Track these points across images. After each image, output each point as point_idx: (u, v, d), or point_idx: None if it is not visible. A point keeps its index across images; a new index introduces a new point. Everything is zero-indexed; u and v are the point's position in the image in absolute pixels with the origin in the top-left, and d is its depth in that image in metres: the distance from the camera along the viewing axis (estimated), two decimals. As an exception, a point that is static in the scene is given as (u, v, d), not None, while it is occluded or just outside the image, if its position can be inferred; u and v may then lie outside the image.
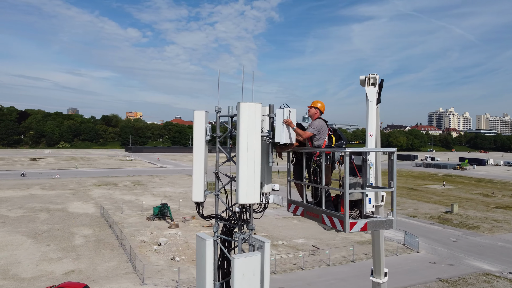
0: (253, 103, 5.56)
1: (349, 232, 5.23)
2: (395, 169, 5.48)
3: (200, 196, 6.15)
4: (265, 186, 6.42)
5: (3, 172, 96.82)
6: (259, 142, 5.63)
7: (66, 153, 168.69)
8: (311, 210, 6.03)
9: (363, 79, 7.56)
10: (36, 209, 54.72)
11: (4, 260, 34.11)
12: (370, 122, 6.99)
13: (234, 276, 5.44)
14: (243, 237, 6.21)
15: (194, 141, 6.04)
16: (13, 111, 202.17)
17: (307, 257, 36.18)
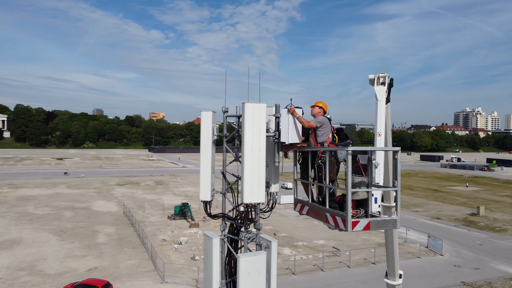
0: (257, 103, 5.59)
1: (351, 231, 5.19)
2: (399, 168, 5.41)
3: (207, 195, 6.21)
4: (272, 186, 6.44)
5: (48, 171, 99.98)
6: (263, 142, 5.65)
7: (91, 153, 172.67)
8: (315, 209, 6.02)
9: (372, 78, 7.47)
10: (61, 207, 56.24)
11: (31, 256, 35.19)
12: (379, 122, 6.88)
13: (239, 275, 5.48)
14: (249, 236, 6.22)
15: (201, 141, 6.11)
16: (41, 112, 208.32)
17: (327, 258, 35.88)
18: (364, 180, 5.67)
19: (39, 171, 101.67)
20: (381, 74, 7.36)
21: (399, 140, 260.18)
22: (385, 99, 7.22)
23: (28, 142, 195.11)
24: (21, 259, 34.22)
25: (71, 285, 27.67)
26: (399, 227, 5.40)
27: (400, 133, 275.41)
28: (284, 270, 33.37)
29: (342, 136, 6.43)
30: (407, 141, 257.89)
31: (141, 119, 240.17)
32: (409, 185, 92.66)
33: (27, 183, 79.16)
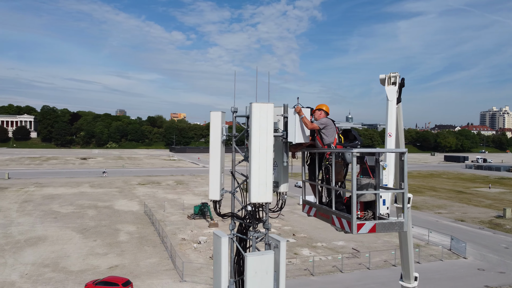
0: (265, 103, 5.58)
1: (356, 233, 5.11)
2: (405, 170, 5.29)
3: (216, 195, 6.25)
4: (281, 186, 6.43)
5: (85, 171, 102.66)
6: (271, 142, 5.64)
7: (114, 153, 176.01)
8: (322, 210, 5.96)
9: (383, 78, 7.34)
10: (85, 206, 57.52)
11: (55, 253, 36.12)
12: (389, 122, 6.74)
13: (247, 274, 5.50)
14: (257, 235, 6.22)
15: (210, 141, 6.14)
16: (66, 113, 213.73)
17: (346, 260, 35.50)
18: (372, 181, 5.57)
19: (64, 170, 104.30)
20: (392, 74, 7.23)
21: (423, 140, 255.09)
22: (396, 99, 7.08)
23: (53, 142, 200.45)
24: (46, 256, 35.16)
25: (92, 282, 28.26)
26: (406, 229, 5.29)
27: (424, 133, 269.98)
28: (303, 271, 33.19)
29: (351, 137, 6.34)
30: (431, 142, 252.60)
31: (162, 120, 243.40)
32: (432, 186, 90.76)
33: (52, 182, 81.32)
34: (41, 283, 29.37)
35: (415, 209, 62.33)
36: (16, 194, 66.37)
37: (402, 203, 8.51)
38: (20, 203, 58.47)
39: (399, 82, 7.20)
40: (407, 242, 8.94)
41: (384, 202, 5.42)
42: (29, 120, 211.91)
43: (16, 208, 54.92)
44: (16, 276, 30.48)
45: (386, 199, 5.42)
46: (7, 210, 53.41)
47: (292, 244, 40.99)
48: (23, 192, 68.52)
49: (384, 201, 5.42)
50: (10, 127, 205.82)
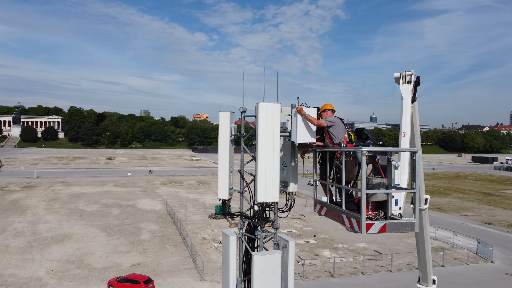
0: (271, 103, 5.58)
1: (366, 233, 5.02)
2: (417, 169, 5.16)
3: (225, 194, 6.27)
4: (290, 186, 6.39)
5: (110, 170, 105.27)
6: (277, 142, 5.64)
7: (138, 153, 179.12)
8: (333, 210, 5.89)
9: (397, 77, 7.18)
10: (109, 205, 58.75)
11: (80, 250, 37.03)
12: (404, 121, 6.58)
13: (254, 273, 5.51)
14: (265, 235, 6.21)
15: (219, 140, 6.17)
16: (92, 114, 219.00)
17: (368, 262, 35.00)
18: (383, 181, 5.46)
19: (90, 170, 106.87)
20: (408, 72, 7.08)
21: (449, 140, 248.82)
22: (411, 98, 6.92)
23: (80, 142, 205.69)
24: (71, 253, 36.09)
25: (115, 279, 28.83)
26: (417, 230, 5.17)
27: (451, 134, 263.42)
28: (323, 272, 32.90)
29: (364, 136, 6.23)
30: (458, 142, 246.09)
31: (185, 120, 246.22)
32: (459, 188, 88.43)
33: (78, 181, 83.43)
34: (66, 279, 30.15)
35: (440, 211, 60.87)
36: (44, 192, 68.42)
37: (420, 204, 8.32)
38: (47, 201, 60.24)
39: (414, 80, 7.04)
40: (424, 244, 8.72)
41: (397, 202, 5.30)
42: (57, 120, 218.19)
43: (44, 206, 56.61)
44: (43, 272, 31.40)
45: (398, 199, 5.30)
46: (35, 208, 55.11)
47: (313, 245, 40.72)
48: (51, 190, 70.56)
49: (396, 201, 5.31)
50: (39, 128, 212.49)
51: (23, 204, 57.54)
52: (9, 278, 30.11)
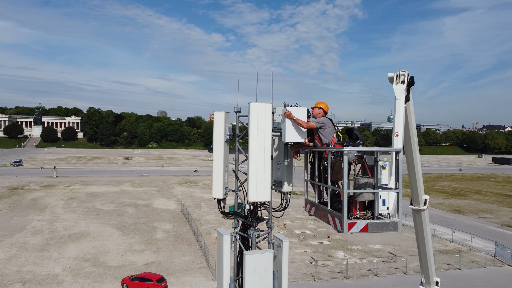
0: (262, 103, 5.66)
1: (347, 232, 5.00)
2: (400, 169, 5.11)
3: (219, 193, 6.33)
4: (284, 186, 6.41)
5: (127, 170, 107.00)
6: (268, 142, 5.69)
7: (155, 153, 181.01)
8: (320, 210, 5.88)
9: (391, 77, 7.13)
10: (125, 204, 59.59)
11: (96, 249, 37.67)
12: (397, 121, 6.51)
13: (245, 271, 5.58)
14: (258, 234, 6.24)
15: (214, 140, 6.24)
16: (110, 114, 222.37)
17: (382, 264, 34.61)
18: (370, 181, 5.42)
19: (107, 169, 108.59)
20: (402, 72, 7.02)
21: (469, 141, 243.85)
22: (405, 98, 6.85)
23: (98, 142, 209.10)
24: (87, 251, 36.74)
25: (129, 277, 29.23)
26: (400, 230, 5.13)
27: (471, 134, 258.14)
28: (336, 273, 32.67)
29: (354, 136, 6.21)
30: (478, 143, 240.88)
31: (201, 121, 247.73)
32: (478, 189, 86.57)
33: (96, 180, 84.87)
34: (82, 276, 30.71)
35: (458, 213, 59.75)
36: (62, 191, 69.84)
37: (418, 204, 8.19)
38: (65, 200, 61.48)
39: (407, 80, 6.97)
40: (425, 245, 8.58)
41: (384, 202, 5.26)
42: (76, 121, 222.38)
43: (62, 205, 57.79)
44: (59, 269, 32.06)
45: (386, 199, 5.25)
46: (54, 207, 56.32)
47: (326, 246, 40.48)
48: (69, 189, 71.99)
49: (384, 201, 5.26)
50: (59, 128, 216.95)
51: (42, 203, 58.86)
52: (27, 274, 30.85)
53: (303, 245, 40.65)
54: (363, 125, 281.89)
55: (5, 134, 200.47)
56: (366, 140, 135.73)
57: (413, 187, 8.09)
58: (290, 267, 33.52)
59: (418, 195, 8.01)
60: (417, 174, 7.84)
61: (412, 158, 7.77)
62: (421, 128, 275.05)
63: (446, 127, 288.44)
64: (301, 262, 35.04)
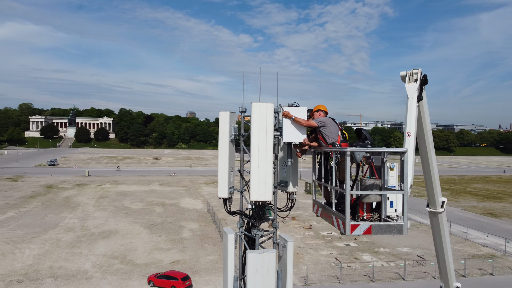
0: (264, 103, 5.69)
1: (350, 234, 4.86)
2: (406, 171, 4.94)
3: (224, 193, 6.35)
4: (289, 186, 6.36)
5: (156, 170, 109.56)
6: (270, 141, 5.70)
7: (183, 153, 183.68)
8: (326, 211, 5.77)
9: (404, 75, 6.88)
10: (153, 203, 60.76)
11: (124, 246, 38.58)
12: (408, 121, 6.27)
13: (247, 271, 5.58)
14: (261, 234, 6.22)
15: (219, 140, 6.28)
16: (140, 115, 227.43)
17: (410, 267, 33.76)
18: (377, 182, 5.26)
19: (137, 169, 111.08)
20: (415, 71, 6.77)
21: (506, 142, 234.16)
22: (417, 97, 6.61)
23: (129, 143, 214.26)
24: (116, 249, 37.69)
25: (155, 275, 29.77)
26: (405, 233, 4.96)
27: (508, 135, 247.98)
28: (362, 276, 32.11)
29: (363, 137, 6.07)
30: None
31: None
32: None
33: (126, 180, 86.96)
34: (110, 273, 31.52)
35: (493, 216, 57.51)
36: (94, 190, 71.98)
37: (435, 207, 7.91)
38: (97, 199, 63.33)
39: (420, 79, 6.72)
40: (443, 249, 8.25)
41: (392, 204, 5.09)
42: (108, 122, 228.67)
43: (93, 203, 59.56)
44: (89, 266, 33.04)
45: (394, 201, 5.08)
46: (85, 205, 58.12)
47: (352, 248, 39.86)
48: (100, 188, 74.10)
49: (392, 203, 5.09)
50: (92, 129, 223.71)
51: (75, 201, 60.86)
52: (58, 270, 31.96)
53: (328, 246, 40.20)
54: (394, 125, 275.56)
55: (41, 134, 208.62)
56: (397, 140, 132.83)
57: (428, 189, 7.82)
58: (315, 268, 33.24)
59: (435, 197, 7.73)
60: (432, 175, 7.57)
61: (427, 159, 7.50)
62: (454, 129, 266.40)
63: (482, 128, 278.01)
64: (326, 264, 34.65)
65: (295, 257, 36.80)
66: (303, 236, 43.57)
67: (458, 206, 65.08)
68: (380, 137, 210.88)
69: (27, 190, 70.45)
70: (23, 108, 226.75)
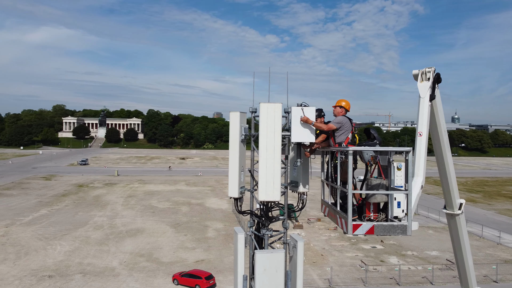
0: (272, 103, 5.67)
1: (352, 234, 4.75)
2: (410, 170, 4.76)
3: (235, 192, 6.34)
4: (300, 186, 6.29)
5: (183, 170, 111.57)
6: (278, 141, 5.69)
7: (210, 153, 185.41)
8: (331, 210, 5.67)
9: (416, 74, 6.67)
10: (179, 203, 61.62)
11: (150, 245, 39.30)
12: (420, 121, 6.06)
13: (256, 270, 5.60)
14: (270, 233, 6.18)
15: (230, 140, 6.29)
16: (168, 116, 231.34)
17: (439, 272, 32.84)
18: (383, 182, 5.12)
19: (165, 169, 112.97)
20: (428, 69, 6.54)
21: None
22: (430, 96, 6.38)
23: (157, 143, 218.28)
24: (142, 247, 38.44)
25: (179, 273, 30.18)
26: (409, 233, 4.80)
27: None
28: (388, 279, 31.48)
29: (372, 136, 5.94)
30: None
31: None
32: None
33: (153, 179, 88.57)
34: (136, 271, 32.18)
35: (528, 220, 55.10)
36: (122, 189, 73.70)
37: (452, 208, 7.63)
38: (125, 198, 64.81)
39: (433, 77, 6.50)
40: (462, 252, 7.94)
41: (399, 204, 4.94)
42: (137, 122, 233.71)
43: (122, 202, 60.99)
44: (116, 263, 33.84)
45: (401, 202, 4.93)
46: (114, 204, 59.59)
47: (379, 250, 39.12)
48: (129, 188, 75.80)
49: (399, 203, 4.94)
50: (122, 129, 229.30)
51: (104, 200, 62.50)
52: (87, 266, 32.90)
53: (354, 248, 39.61)
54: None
55: (74, 135, 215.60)
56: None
57: (445, 190, 7.56)
58: (339, 270, 32.84)
59: (452, 199, 7.47)
60: (449, 176, 7.31)
61: (443, 159, 7.25)
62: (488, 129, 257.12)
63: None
64: (351, 266, 34.15)
65: (319, 258, 36.52)
66: (328, 238, 43.12)
67: (491, 209, 62.79)
68: (410, 137, 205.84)
69: (60, 188, 72.92)
70: (57, 109, 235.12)
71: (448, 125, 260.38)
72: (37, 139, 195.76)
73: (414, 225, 4.79)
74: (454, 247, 8.28)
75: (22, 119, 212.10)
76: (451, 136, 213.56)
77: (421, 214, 55.83)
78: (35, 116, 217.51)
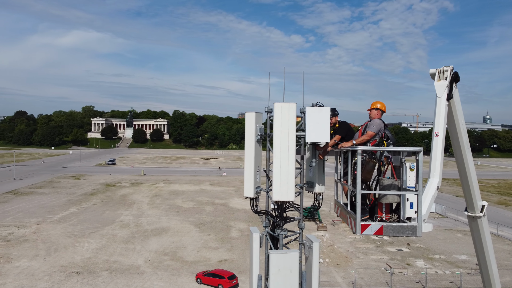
0: (286, 103, 5.68)
1: (360, 234, 4.65)
2: (421, 170, 4.59)
3: (251, 192, 6.33)
4: (316, 187, 6.22)
5: (208, 170, 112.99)
6: (293, 141, 5.68)
7: (234, 154, 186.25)
8: (343, 211, 5.58)
9: (433, 73, 6.44)
10: (204, 203, 62.20)
11: (175, 244, 39.83)
12: (437, 120, 5.84)
13: (270, 271, 5.63)
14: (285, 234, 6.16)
15: (245, 140, 6.30)
16: (193, 117, 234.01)
17: (468, 276, 31.85)
18: (395, 182, 4.98)
19: (189, 169, 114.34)
20: (446, 68, 6.32)
21: None
22: (447, 95, 6.15)
23: (182, 143, 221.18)
24: (167, 246, 39.01)
25: (202, 273, 30.44)
26: (420, 234, 4.67)
27: None
28: (414, 283, 30.76)
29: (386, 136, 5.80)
30: None
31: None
32: None
33: (179, 179, 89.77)
34: (160, 269, 32.68)
35: None
36: (148, 189, 75.04)
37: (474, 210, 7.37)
38: (151, 197, 65.97)
39: (451, 76, 6.27)
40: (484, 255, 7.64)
41: (412, 205, 4.79)
42: (163, 123, 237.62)
43: (147, 201, 62.10)
44: (141, 261, 34.46)
45: (414, 202, 4.78)
46: (140, 203, 60.74)
47: (405, 253, 38.31)
48: (154, 187, 77.11)
49: (412, 204, 4.80)
50: (148, 130, 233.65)
51: (130, 199, 63.81)
52: (113, 264, 33.65)
53: (379, 251, 38.92)
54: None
55: (102, 135, 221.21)
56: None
57: (466, 192, 7.30)
58: (364, 273, 32.35)
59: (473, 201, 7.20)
60: (469, 178, 7.05)
61: (463, 160, 7.00)
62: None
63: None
64: (376, 269, 33.58)
65: (343, 260, 36.08)
66: (353, 240, 42.52)
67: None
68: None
69: (88, 187, 74.95)
70: (86, 110, 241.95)
71: (479, 126, 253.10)
72: (68, 140, 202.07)
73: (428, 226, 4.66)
74: (477, 251, 8.00)
75: (53, 120, 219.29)
76: (482, 136, 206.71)
77: (450, 217, 54.34)
78: (66, 117, 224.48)
